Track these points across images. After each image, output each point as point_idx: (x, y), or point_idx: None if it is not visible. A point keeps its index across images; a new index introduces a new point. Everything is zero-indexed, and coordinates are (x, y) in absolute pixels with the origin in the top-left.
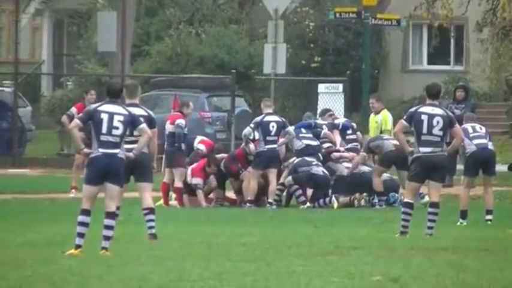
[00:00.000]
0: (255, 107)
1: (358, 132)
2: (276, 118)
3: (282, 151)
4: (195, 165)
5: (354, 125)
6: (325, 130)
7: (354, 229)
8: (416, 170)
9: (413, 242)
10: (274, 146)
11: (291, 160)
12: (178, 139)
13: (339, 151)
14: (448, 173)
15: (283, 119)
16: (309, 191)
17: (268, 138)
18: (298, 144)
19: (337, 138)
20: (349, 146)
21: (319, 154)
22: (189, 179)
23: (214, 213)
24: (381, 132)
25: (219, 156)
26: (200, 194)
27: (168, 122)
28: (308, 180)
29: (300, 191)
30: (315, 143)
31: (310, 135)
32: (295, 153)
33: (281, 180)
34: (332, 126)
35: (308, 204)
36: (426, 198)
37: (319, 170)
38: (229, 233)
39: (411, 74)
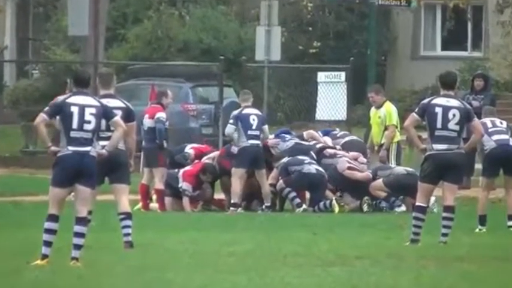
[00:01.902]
0: None
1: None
2: (255, 111)
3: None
4: (188, 168)
5: (337, 130)
6: (307, 131)
7: (357, 236)
8: (429, 170)
9: (425, 250)
10: (258, 142)
11: (282, 160)
12: (159, 135)
13: (334, 148)
14: (465, 173)
15: (263, 114)
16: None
17: (250, 132)
18: (286, 144)
19: (327, 139)
20: (346, 139)
21: (312, 153)
22: (180, 182)
23: (200, 218)
24: (385, 128)
25: (210, 155)
26: (186, 200)
27: (147, 115)
28: (301, 181)
29: (293, 194)
30: (304, 142)
31: (296, 138)
32: (285, 153)
33: (270, 181)
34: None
35: (304, 206)
36: (435, 209)
37: (312, 168)
38: (217, 240)
39: (423, 61)
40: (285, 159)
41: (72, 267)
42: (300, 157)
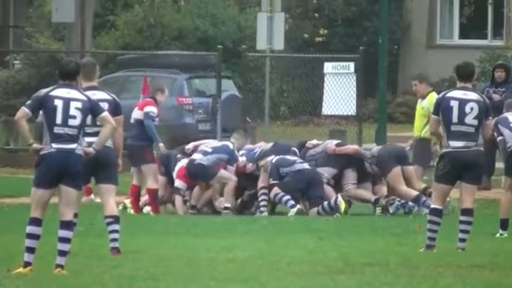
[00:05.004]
0: (246, 91)
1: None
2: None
3: None
4: (184, 165)
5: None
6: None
7: (368, 241)
8: (445, 169)
9: (442, 257)
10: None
11: (269, 159)
12: (149, 131)
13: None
14: (485, 172)
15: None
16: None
17: None
18: (264, 147)
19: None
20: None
21: (295, 149)
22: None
23: (196, 222)
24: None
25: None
26: (179, 200)
27: (136, 108)
28: (298, 180)
29: (286, 196)
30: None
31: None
32: (270, 152)
33: (261, 184)
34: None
35: (299, 206)
36: (451, 204)
37: (305, 165)
38: (214, 246)
39: (439, 51)
40: (272, 158)
41: (57, 276)
42: (290, 158)
